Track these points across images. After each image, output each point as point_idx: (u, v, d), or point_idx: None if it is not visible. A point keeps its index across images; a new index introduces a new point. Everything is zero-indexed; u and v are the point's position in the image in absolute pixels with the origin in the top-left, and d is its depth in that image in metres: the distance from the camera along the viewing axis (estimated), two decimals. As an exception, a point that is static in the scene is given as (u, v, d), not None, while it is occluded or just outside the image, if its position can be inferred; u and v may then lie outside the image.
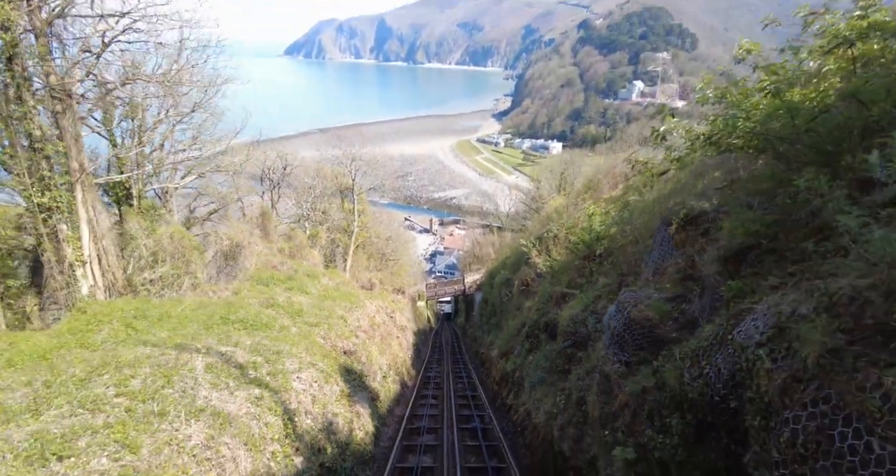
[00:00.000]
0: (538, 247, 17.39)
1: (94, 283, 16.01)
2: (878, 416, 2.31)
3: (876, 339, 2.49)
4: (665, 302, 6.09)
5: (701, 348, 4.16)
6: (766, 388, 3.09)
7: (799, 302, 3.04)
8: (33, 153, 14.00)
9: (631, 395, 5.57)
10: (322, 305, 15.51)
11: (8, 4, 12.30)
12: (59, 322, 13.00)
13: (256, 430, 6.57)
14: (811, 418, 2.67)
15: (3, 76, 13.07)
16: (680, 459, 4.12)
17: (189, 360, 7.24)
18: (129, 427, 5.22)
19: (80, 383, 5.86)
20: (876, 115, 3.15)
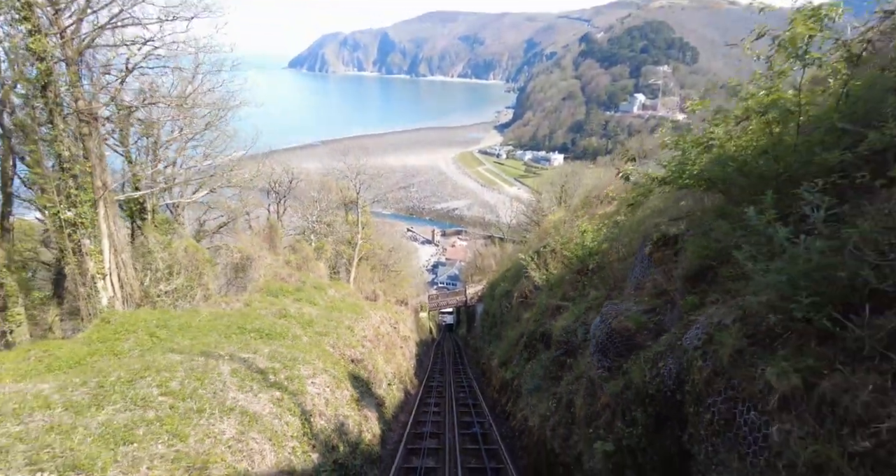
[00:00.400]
0: (536, 260, 18.18)
1: (112, 294, 16.87)
2: (762, 399, 3.10)
3: (767, 343, 3.28)
4: (642, 314, 6.89)
5: (659, 353, 4.95)
6: (697, 382, 3.88)
7: (724, 314, 3.84)
8: (62, 172, 14.95)
9: (611, 395, 6.35)
10: (330, 316, 16.31)
11: (45, 37, 13.31)
12: (86, 331, 13.75)
13: (278, 427, 7.34)
14: (723, 402, 3.46)
15: (38, 102, 14.05)
16: (643, 446, 4.88)
17: (216, 365, 8.03)
18: (175, 421, 6.00)
19: (128, 384, 6.65)
20: (782, 168, 3.97)
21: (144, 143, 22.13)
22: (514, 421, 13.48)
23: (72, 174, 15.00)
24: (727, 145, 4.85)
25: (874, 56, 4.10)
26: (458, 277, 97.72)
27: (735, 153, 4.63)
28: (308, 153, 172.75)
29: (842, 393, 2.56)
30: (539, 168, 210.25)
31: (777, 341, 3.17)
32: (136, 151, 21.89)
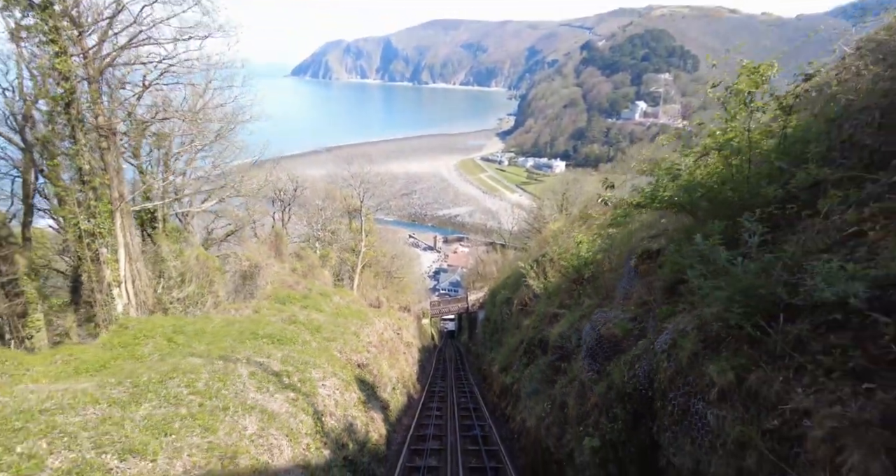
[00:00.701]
0: (535, 269, 18.82)
1: (127, 301, 17.55)
2: (707, 392, 3.74)
3: (714, 346, 3.91)
4: (628, 321, 7.54)
5: (636, 356, 5.59)
6: (662, 380, 4.51)
7: (686, 323, 4.48)
8: (82, 185, 15.69)
9: (598, 396, 6.99)
10: (336, 322, 16.96)
11: (70, 58, 14.10)
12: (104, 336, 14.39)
13: (294, 425, 7.97)
14: (681, 396, 4.11)
15: (61, 119, 14.82)
16: (623, 440, 5.50)
17: (235, 368, 8.68)
18: (205, 417, 6.64)
19: (160, 384, 7.29)
20: (737, 197, 4.63)
21: (156, 155, 22.87)
22: (514, 423, 14.07)
23: (91, 186, 15.74)
24: (695, 173, 5.52)
25: (806, 106, 4.79)
26: (459, 284, 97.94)
27: (701, 181, 5.30)
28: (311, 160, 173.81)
29: (762, 384, 3.20)
30: (541, 175, 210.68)
31: (721, 345, 3.81)
32: (147, 163, 22.63)
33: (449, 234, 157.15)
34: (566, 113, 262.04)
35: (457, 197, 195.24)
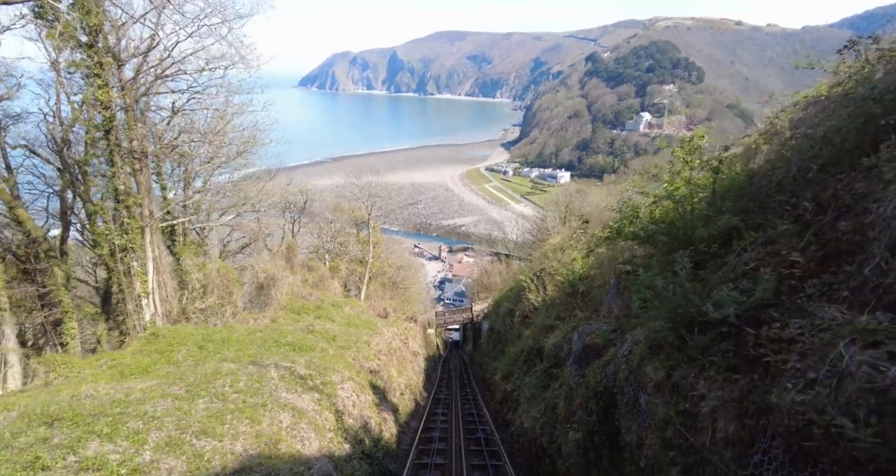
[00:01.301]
0: (535, 282, 20.00)
1: (154, 311, 18.88)
2: (648, 386, 4.92)
3: (655, 352, 5.09)
4: (609, 332, 8.72)
5: (606, 361, 6.77)
6: (620, 379, 5.70)
7: (640, 334, 5.68)
8: (117, 204, 17.09)
9: (581, 396, 8.17)
10: (349, 332, 18.18)
11: (111, 90, 15.55)
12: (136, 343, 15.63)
13: (319, 421, 9.15)
14: (632, 391, 5.29)
15: (101, 144, 16.25)
16: (596, 429, 6.66)
17: (266, 372, 9.89)
18: (249, 410, 7.84)
19: (207, 384, 8.50)
20: (683, 235, 5.83)
21: (177, 173, 24.30)
22: (514, 427, 15.19)
23: (125, 205, 17.15)
24: (654, 213, 6.72)
25: (732, 165, 6.02)
26: (464, 294, 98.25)
27: (658, 219, 6.50)
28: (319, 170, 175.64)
29: (681, 379, 4.38)
30: (546, 185, 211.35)
31: (659, 351, 4.99)
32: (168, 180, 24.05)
33: (454, 243, 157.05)
34: (571, 124, 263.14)
35: (462, 207, 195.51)
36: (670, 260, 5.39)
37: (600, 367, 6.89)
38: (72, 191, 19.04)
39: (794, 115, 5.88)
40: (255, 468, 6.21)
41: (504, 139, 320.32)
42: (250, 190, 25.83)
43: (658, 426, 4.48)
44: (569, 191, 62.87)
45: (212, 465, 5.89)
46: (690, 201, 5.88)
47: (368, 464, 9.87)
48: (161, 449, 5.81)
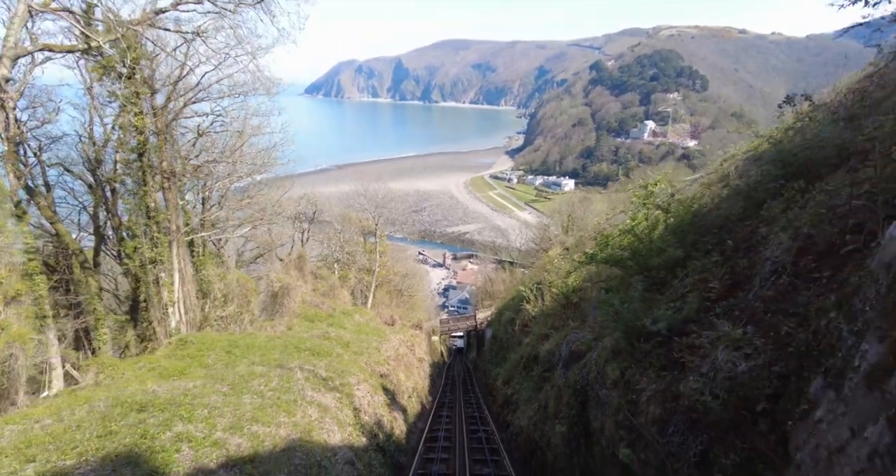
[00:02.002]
0: (534, 292, 21.32)
1: (179, 318, 20.27)
2: (608, 383, 6.26)
3: (616, 356, 6.42)
4: (591, 340, 10.06)
5: (584, 363, 8.11)
6: (591, 378, 7.03)
7: (607, 342, 7.02)
8: (148, 220, 18.55)
9: (566, 395, 9.50)
10: (360, 339, 19.55)
11: (146, 117, 17.08)
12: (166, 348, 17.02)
13: (341, 417, 10.49)
14: (599, 387, 6.63)
15: (135, 165, 17.75)
16: (575, 421, 7.97)
17: (292, 374, 11.25)
18: (284, 405, 9.18)
19: (245, 383, 9.87)
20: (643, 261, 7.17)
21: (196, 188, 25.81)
22: (513, 427, 16.47)
23: (156, 221, 18.61)
24: (623, 242, 8.08)
25: (683, 205, 7.38)
26: (468, 301, 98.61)
27: (626, 246, 7.84)
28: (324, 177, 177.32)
29: (631, 377, 5.71)
30: (550, 193, 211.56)
31: (617, 355, 6.33)
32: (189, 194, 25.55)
33: (458, 251, 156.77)
34: (575, 132, 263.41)
35: (466, 214, 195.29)
36: (633, 282, 6.73)
37: (579, 369, 8.23)
38: (104, 207, 20.54)
39: (738, 164, 7.25)
40: (297, 449, 7.57)
41: (508, 147, 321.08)
42: (265, 202, 27.28)
43: (613, 413, 5.80)
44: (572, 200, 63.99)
45: (266, 445, 7.24)
46: (648, 235, 7.24)
47: (382, 455, 11.18)
48: (227, 430, 7.17)
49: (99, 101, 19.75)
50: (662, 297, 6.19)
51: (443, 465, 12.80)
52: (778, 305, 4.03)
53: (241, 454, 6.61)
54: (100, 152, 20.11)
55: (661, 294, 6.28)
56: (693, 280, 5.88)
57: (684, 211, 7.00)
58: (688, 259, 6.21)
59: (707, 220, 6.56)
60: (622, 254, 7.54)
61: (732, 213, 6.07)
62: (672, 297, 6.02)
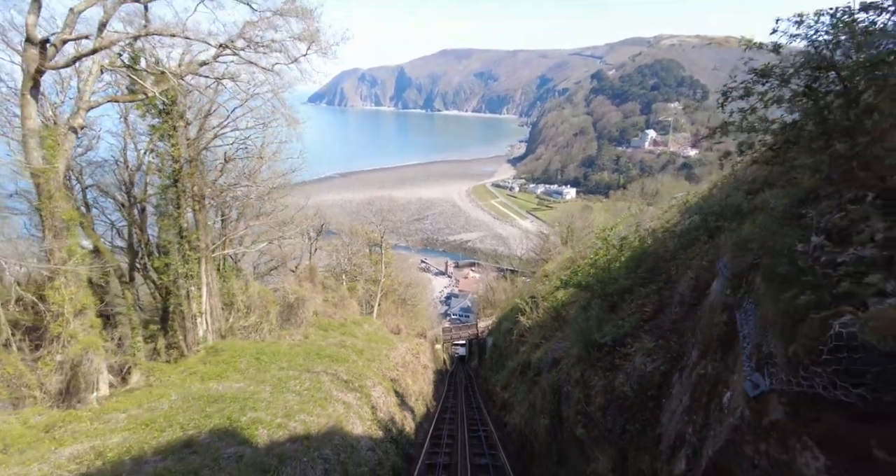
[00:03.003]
0: (530, 304, 23.24)
1: (206, 328, 22.22)
2: (572, 381, 8.18)
3: (579, 361, 8.33)
4: (569, 348, 12.00)
5: (559, 368, 10.06)
6: (563, 378, 8.97)
7: (574, 350, 8.96)
8: (181, 239, 20.57)
9: (548, 394, 11.44)
10: (371, 347, 21.50)
11: (181, 146, 19.17)
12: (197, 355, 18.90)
13: (362, 413, 12.40)
14: (566, 384, 8.55)
15: (171, 190, 19.80)
16: (553, 413, 9.91)
17: (319, 377, 13.17)
18: (318, 401, 11.11)
19: (282, 384, 11.79)
20: (602, 289, 9.10)
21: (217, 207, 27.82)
22: (510, 427, 18.38)
23: (188, 240, 20.64)
24: (590, 271, 10.04)
25: (637, 242, 9.36)
26: (470, 309, 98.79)
27: (592, 274, 9.80)
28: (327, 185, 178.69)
29: (589, 377, 7.64)
30: (551, 201, 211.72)
31: (580, 360, 8.27)
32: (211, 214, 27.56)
33: (460, 259, 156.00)
34: (576, 141, 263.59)
35: (468, 223, 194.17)
36: (593, 303, 8.70)
37: (556, 372, 10.18)
38: (137, 227, 22.59)
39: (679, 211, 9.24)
40: (334, 434, 9.52)
41: (510, 155, 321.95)
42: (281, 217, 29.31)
43: (574, 404, 7.73)
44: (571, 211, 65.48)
45: (313, 429, 9.18)
46: (608, 267, 9.21)
47: (395, 447, 13.07)
48: (284, 417, 9.13)
49: (133, 128, 21.82)
50: (615, 316, 8.15)
51: (447, 457, 14.68)
52: (675, 326, 5.96)
53: (298, 433, 8.56)
54: (133, 175, 22.17)
55: (615, 314, 8.23)
56: (636, 304, 7.83)
57: (636, 249, 8.97)
58: (634, 287, 8.17)
59: (651, 257, 8.53)
60: (589, 280, 9.49)
61: (667, 252, 8.04)
62: (620, 316, 7.98)
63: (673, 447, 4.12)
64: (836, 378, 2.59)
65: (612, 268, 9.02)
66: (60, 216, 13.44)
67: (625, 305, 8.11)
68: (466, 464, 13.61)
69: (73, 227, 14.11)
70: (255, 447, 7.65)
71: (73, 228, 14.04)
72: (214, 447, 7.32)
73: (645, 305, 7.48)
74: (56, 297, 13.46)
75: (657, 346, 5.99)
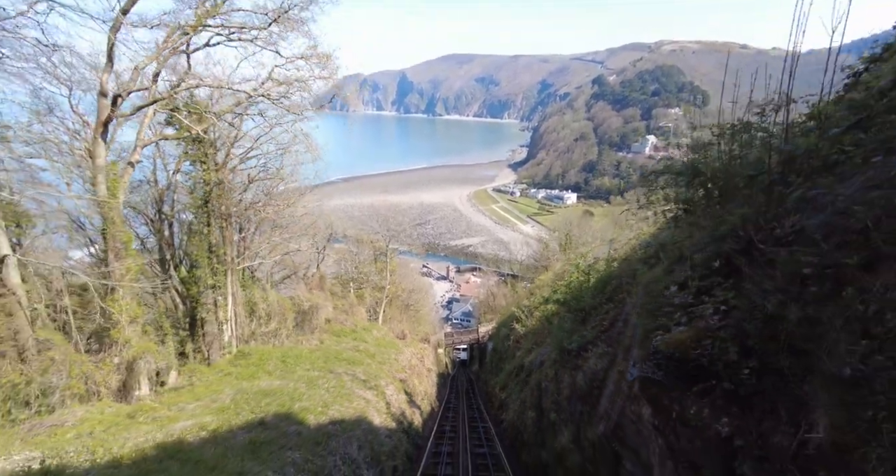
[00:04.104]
0: (525, 313, 25.46)
1: (231, 334, 24.44)
2: (549, 378, 10.37)
3: (554, 362, 10.52)
4: (552, 352, 14.24)
5: (542, 369, 12.25)
6: (543, 376, 11.18)
7: (552, 355, 11.16)
8: (210, 254, 22.84)
9: (535, 391, 13.67)
10: (381, 351, 23.72)
11: (211, 171, 21.46)
12: (229, 357, 21.04)
13: (378, 407, 14.58)
14: (544, 381, 10.75)
15: (202, 210, 22.08)
16: (537, 405, 12.10)
17: (341, 377, 15.38)
18: (345, 397, 13.31)
19: (314, 382, 13.99)
20: (576, 305, 11.27)
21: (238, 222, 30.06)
22: (505, 423, 20.58)
23: (216, 254, 22.91)
24: (566, 291, 12.21)
25: (600, 269, 11.55)
26: (471, 314, 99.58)
27: (568, 293, 11.98)
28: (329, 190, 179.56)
29: (562, 375, 9.85)
30: (552, 206, 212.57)
31: (555, 361, 10.46)
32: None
33: (462, 264, 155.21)
34: (577, 146, 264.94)
35: (470, 227, 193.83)
36: (566, 317, 10.94)
37: (539, 372, 12.40)
38: (166, 241, 24.88)
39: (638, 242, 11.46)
40: (360, 422, 11.73)
41: (511, 160, 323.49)
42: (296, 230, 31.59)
43: (550, 397, 9.93)
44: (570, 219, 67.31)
45: (346, 416, 11.38)
46: (580, 287, 11.42)
47: (407, 436, 15.27)
48: (323, 407, 11.35)
49: (162, 151, 24.09)
50: (583, 327, 10.37)
51: (450, 446, 16.90)
52: (618, 337, 8.16)
53: (335, 418, 10.76)
54: (162, 193, 24.46)
55: (583, 326, 10.44)
56: (598, 319, 10.05)
57: (604, 272, 11.17)
58: (599, 305, 10.38)
59: (616, 280, 10.74)
60: (565, 297, 11.69)
61: (626, 275, 10.26)
62: (587, 328, 10.20)
63: (600, 417, 6.24)
64: (654, 368, 4.74)
65: (583, 288, 11.23)
66: (121, 239, 15.72)
67: (591, 319, 10.31)
68: (467, 452, 15.80)
69: (130, 247, 16.37)
70: (307, 427, 9.85)
71: (129, 249, 16.30)
72: (280, 426, 9.53)
73: (604, 320, 9.68)
74: (116, 308, 15.74)
75: (605, 351, 8.18)
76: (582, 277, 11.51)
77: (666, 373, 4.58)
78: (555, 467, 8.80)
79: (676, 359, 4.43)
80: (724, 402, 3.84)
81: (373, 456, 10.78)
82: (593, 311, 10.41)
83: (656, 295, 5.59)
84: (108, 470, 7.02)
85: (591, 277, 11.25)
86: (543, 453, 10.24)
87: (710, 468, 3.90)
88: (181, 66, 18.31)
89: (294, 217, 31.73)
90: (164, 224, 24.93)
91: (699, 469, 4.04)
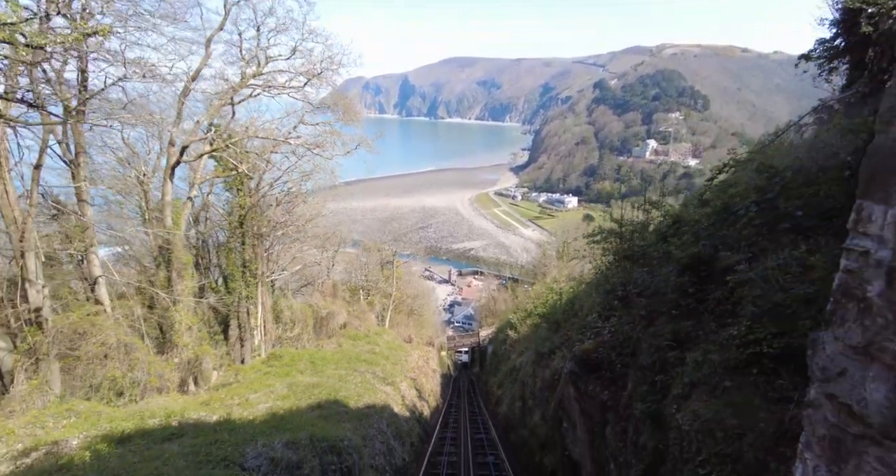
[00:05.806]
0: (520, 317, 28.72)
1: (260, 338, 27.74)
2: (529, 374, 13.60)
3: (535, 362, 13.76)
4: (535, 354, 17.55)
5: (528, 368, 15.49)
6: (525, 373, 14.41)
7: (532, 356, 14.40)
8: (243, 268, 26.16)
9: (520, 385, 16.97)
10: (392, 353, 27.02)
11: (246, 197, 24.80)
12: (261, 359, 24.27)
13: (395, 399, 17.82)
14: (525, 376, 14.00)
15: (237, 231, 25.39)
16: (521, 397, 15.30)
17: (364, 375, 18.64)
18: (370, 390, 16.55)
19: (343, 379, 17.25)
20: (554, 317, 14.41)
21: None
22: (500, 415, 23.87)
23: (250, 269, 26.24)
24: (546, 305, 15.40)
25: (574, 287, 14.74)
26: (473, 317, 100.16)
27: (548, 307, 15.16)
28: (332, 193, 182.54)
29: (536, 371, 13.07)
30: (553, 210, 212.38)
31: (538, 362, 13.70)
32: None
33: (464, 267, 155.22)
34: (578, 150, 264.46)
35: (471, 231, 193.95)
36: (543, 326, 14.21)
37: (523, 370, 15.65)
38: (202, 256, 28.23)
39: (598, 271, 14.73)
40: (385, 409, 15.01)
41: (513, 163, 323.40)
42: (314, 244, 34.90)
43: (529, 388, 13.17)
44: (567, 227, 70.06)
45: (376, 403, 14.65)
46: (555, 304, 14.67)
47: (419, 424, 18.54)
48: (357, 396, 14.62)
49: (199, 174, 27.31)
50: (555, 335, 13.64)
51: (453, 433, 20.19)
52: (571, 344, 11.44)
53: (368, 404, 14.01)
54: (198, 213, 27.80)
55: (555, 334, 13.70)
56: (567, 329, 13.32)
57: (574, 293, 14.39)
58: (567, 319, 13.63)
59: (580, 301, 14.01)
60: (544, 311, 14.89)
61: (587, 298, 13.54)
62: (556, 336, 13.47)
63: (555, 398, 9.49)
64: (575, 365, 7.98)
65: (556, 305, 14.47)
66: (182, 261, 19.07)
67: (561, 330, 13.59)
68: (468, 436, 19.10)
69: (189, 268, 19.73)
70: (350, 409, 13.04)
71: (188, 269, 19.66)
72: (332, 407, 12.72)
73: (570, 330, 12.96)
74: (176, 318, 19.11)
75: (563, 354, 11.45)
76: (555, 296, 14.72)
77: (581, 367, 7.81)
78: (530, 439, 11.98)
79: (585, 359, 7.66)
80: (606, 382, 7.07)
81: (397, 432, 13.95)
82: (564, 324, 13.68)
83: (584, 317, 8.87)
84: (260, 425, 10.27)
85: (563, 297, 14.47)
86: (524, 431, 13.42)
87: (598, 418, 7.13)
88: (226, 112, 21.63)
89: (310, 233, 35.10)
90: (199, 241, 28.28)
91: (594, 419, 7.27)
